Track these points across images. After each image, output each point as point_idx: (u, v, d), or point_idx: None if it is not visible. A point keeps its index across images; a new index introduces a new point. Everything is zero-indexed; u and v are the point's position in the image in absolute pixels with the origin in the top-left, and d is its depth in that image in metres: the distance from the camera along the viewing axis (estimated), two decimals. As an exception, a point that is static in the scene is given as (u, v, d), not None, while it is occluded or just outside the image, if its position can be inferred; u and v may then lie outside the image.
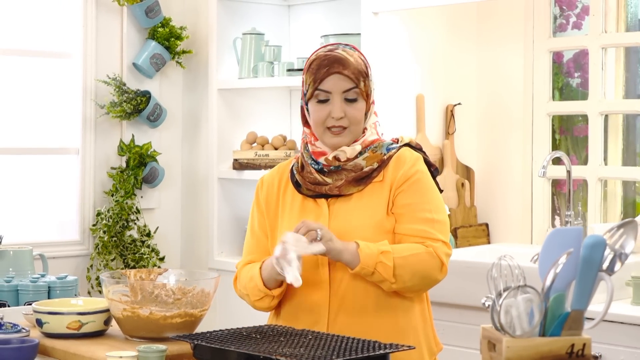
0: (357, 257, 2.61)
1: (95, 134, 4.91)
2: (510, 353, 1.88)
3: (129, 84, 4.95)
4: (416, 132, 4.51)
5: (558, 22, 4.62)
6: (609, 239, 1.93)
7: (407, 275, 2.64)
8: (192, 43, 5.11)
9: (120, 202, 4.85)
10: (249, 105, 5.03)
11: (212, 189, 4.97)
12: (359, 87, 2.73)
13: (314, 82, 2.74)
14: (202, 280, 2.86)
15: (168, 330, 2.71)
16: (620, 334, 3.48)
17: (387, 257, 2.62)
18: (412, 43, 4.50)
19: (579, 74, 4.60)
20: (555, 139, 4.62)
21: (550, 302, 1.90)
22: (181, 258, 5.21)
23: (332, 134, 2.74)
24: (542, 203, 4.53)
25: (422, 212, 2.70)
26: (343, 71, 2.72)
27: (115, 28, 4.96)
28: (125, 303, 2.73)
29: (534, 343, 1.89)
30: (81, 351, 2.65)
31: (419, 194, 2.72)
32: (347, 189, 2.74)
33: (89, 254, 4.89)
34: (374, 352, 2.29)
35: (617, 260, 1.90)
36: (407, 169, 2.74)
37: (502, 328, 1.89)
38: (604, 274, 1.89)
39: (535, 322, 1.89)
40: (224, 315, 4.83)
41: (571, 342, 1.88)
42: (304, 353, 2.29)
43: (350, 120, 2.74)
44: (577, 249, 1.88)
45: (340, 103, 2.73)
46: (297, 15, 5.13)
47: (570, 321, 1.89)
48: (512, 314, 1.90)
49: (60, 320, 2.78)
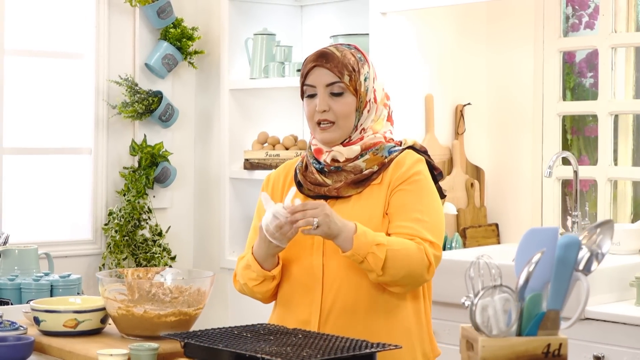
0: (351, 243, 2.60)
1: (107, 134, 4.94)
2: (486, 352, 1.88)
3: (141, 84, 4.98)
4: (425, 132, 4.51)
5: (570, 21, 4.60)
6: (586, 239, 1.92)
7: (395, 269, 2.62)
8: (204, 43, 5.14)
9: (132, 202, 4.88)
10: (261, 105, 5.05)
11: (224, 188, 4.99)
12: (343, 81, 2.73)
13: (302, 77, 2.78)
14: (198, 279, 2.87)
15: (163, 329, 2.72)
16: (624, 335, 3.47)
17: (381, 249, 2.60)
18: (421, 43, 4.50)
19: (591, 74, 4.58)
20: (567, 139, 4.60)
21: (527, 302, 1.90)
22: (193, 257, 5.23)
23: (321, 129, 2.75)
24: (552, 203, 4.51)
25: (413, 212, 2.69)
26: (325, 64, 2.73)
27: (127, 29, 4.99)
28: (120, 302, 2.75)
29: (510, 343, 1.90)
30: (76, 349, 2.68)
31: (412, 195, 2.71)
32: (346, 190, 2.75)
33: (101, 253, 4.93)
34: (360, 352, 2.29)
35: (593, 260, 1.89)
36: (405, 170, 2.73)
37: (477, 327, 1.90)
38: (580, 274, 1.88)
39: (511, 322, 1.89)
40: (236, 312, 4.85)
41: (547, 341, 1.88)
42: (290, 352, 2.30)
43: (336, 115, 2.73)
44: (553, 248, 1.88)
45: (324, 96, 2.73)
46: (309, 15, 5.15)
47: (546, 321, 1.88)
48: (488, 314, 1.90)
49: (57, 318, 2.80)
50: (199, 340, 2.44)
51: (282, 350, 2.31)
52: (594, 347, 3.53)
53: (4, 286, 3.30)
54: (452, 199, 4.47)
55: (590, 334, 3.54)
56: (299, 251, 2.76)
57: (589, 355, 3.53)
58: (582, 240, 1.91)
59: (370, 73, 2.79)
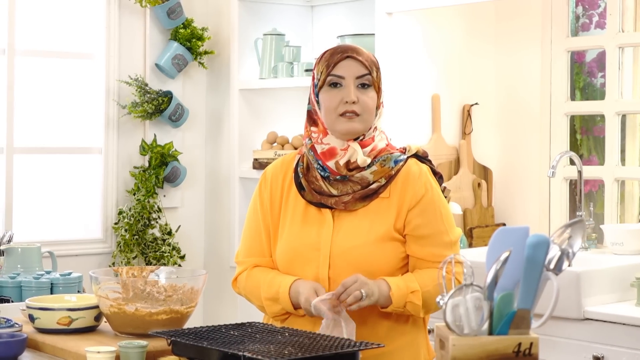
0: (389, 299, 2.66)
1: (118, 134, 4.98)
2: (456, 351, 1.89)
3: (152, 84, 5.01)
4: (432, 132, 4.51)
5: (581, 21, 4.59)
6: (556, 238, 1.92)
7: (433, 306, 2.69)
8: (214, 44, 5.16)
9: (142, 201, 4.92)
10: (270, 105, 5.08)
11: (234, 188, 5.02)
12: (371, 75, 2.73)
13: (327, 68, 2.74)
14: (191, 277, 2.89)
15: (154, 327, 2.74)
16: (624, 336, 3.45)
17: (417, 296, 2.67)
18: (427, 43, 4.50)
19: (602, 73, 4.57)
20: (577, 139, 4.59)
21: (498, 301, 1.90)
22: (204, 256, 5.26)
23: (346, 118, 2.71)
24: (560, 203, 4.50)
25: (439, 235, 2.72)
26: (357, 57, 2.73)
27: (137, 29, 5.03)
28: (112, 300, 2.77)
29: (480, 341, 1.90)
30: (68, 346, 2.70)
31: (431, 215, 2.72)
32: (354, 205, 2.74)
33: (111, 251, 4.97)
34: (342, 350, 2.31)
35: (564, 259, 1.89)
36: (418, 188, 2.73)
37: (448, 326, 1.90)
38: (550, 273, 1.89)
39: (482, 321, 1.90)
40: (245, 310, 4.87)
41: (518, 340, 1.88)
42: (272, 350, 2.31)
43: (363, 107, 2.72)
44: (523, 248, 1.88)
45: (354, 88, 2.72)
46: (319, 15, 5.16)
47: (517, 320, 1.89)
48: (459, 312, 1.90)
49: (51, 316, 2.83)
50: (184, 338, 2.46)
51: (265, 348, 2.33)
52: (593, 347, 3.52)
53: (5, 284, 3.32)
54: (458, 198, 4.47)
55: (590, 334, 3.53)
56: (305, 265, 2.76)
57: (588, 356, 3.52)
58: (553, 239, 1.92)
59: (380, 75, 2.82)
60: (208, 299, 5.22)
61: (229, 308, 5.02)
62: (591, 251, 4.12)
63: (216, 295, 5.19)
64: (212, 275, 5.25)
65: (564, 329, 3.58)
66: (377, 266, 2.70)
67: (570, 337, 3.58)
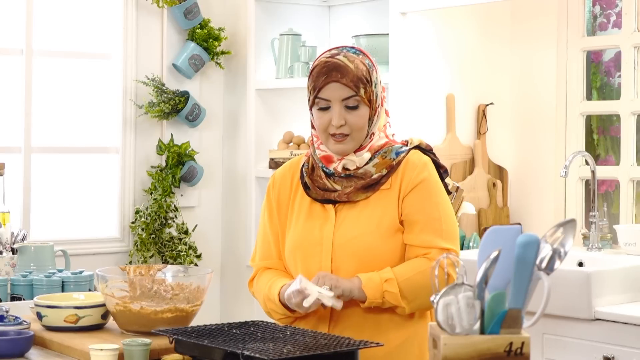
0: (363, 292, 2.64)
1: (135, 134, 5.01)
2: (447, 350, 1.89)
3: (169, 84, 5.04)
4: (446, 132, 4.51)
5: (598, 20, 4.57)
6: (548, 237, 1.92)
7: (415, 294, 2.65)
8: (231, 44, 5.19)
9: (159, 200, 4.95)
10: (286, 105, 5.09)
11: (250, 187, 5.05)
12: (359, 95, 2.71)
13: (314, 90, 2.74)
14: (197, 276, 2.91)
15: (160, 325, 2.76)
16: (635, 336, 3.44)
17: (391, 284, 2.64)
18: (442, 43, 4.50)
19: (619, 73, 4.55)
20: (594, 139, 4.57)
21: (489, 301, 1.90)
22: (221, 256, 5.29)
23: (335, 141, 2.73)
24: (576, 204, 4.49)
25: (431, 222, 2.70)
26: (341, 80, 2.70)
27: (155, 29, 5.06)
28: (118, 298, 2.80)
29: (472, 341, 1.90)
30: (75, 344, 2.73)
31: (425, 201, 2.71)
32: (356, 195, 2.75)
33: (128, 250, 5.00)
34: (341, 349, 2.32)
35: (556, 259, 1.89)
36: (415, 175, 2.73)
37: (440, 325, 1.91)
38: (541, 273, 1.89)
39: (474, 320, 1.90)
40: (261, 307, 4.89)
41: (509, 340, 1.88)
42: (271, 348, 2.32)
43: (352, 127, 2.72)
44: (514, 247, 1.88)
45: (340, 111, 2.71)
46: (336, 15, 5.17)
47: (509, 319, 1.89)
48: (451, 312, 1.91)
49: (58, 314, 2.86)
50: (187, 336, 2.48)
51: (264, 347, 2.34)
52: (604, 347, 3.51)
53: (17, 282, 3.36)
54: (473, 198, 4.46)
55: (601, 334, 3.52)
56: (308, 259, 2.76)
57: (599, 356, 3.51)
58: (545, 239, 1.92)
59: (378, 77, 2.79)
60: (225, 298, 5.25)
61: (246, 307, 5.04)
62: (605, 251, 4.11)
63: (233, 294, 5.22)
64: (228, 274, 5.27)
65: (575, 329, 3.57)
66: (378, 256, 2.70)
67: (580, 338, 3.57)
